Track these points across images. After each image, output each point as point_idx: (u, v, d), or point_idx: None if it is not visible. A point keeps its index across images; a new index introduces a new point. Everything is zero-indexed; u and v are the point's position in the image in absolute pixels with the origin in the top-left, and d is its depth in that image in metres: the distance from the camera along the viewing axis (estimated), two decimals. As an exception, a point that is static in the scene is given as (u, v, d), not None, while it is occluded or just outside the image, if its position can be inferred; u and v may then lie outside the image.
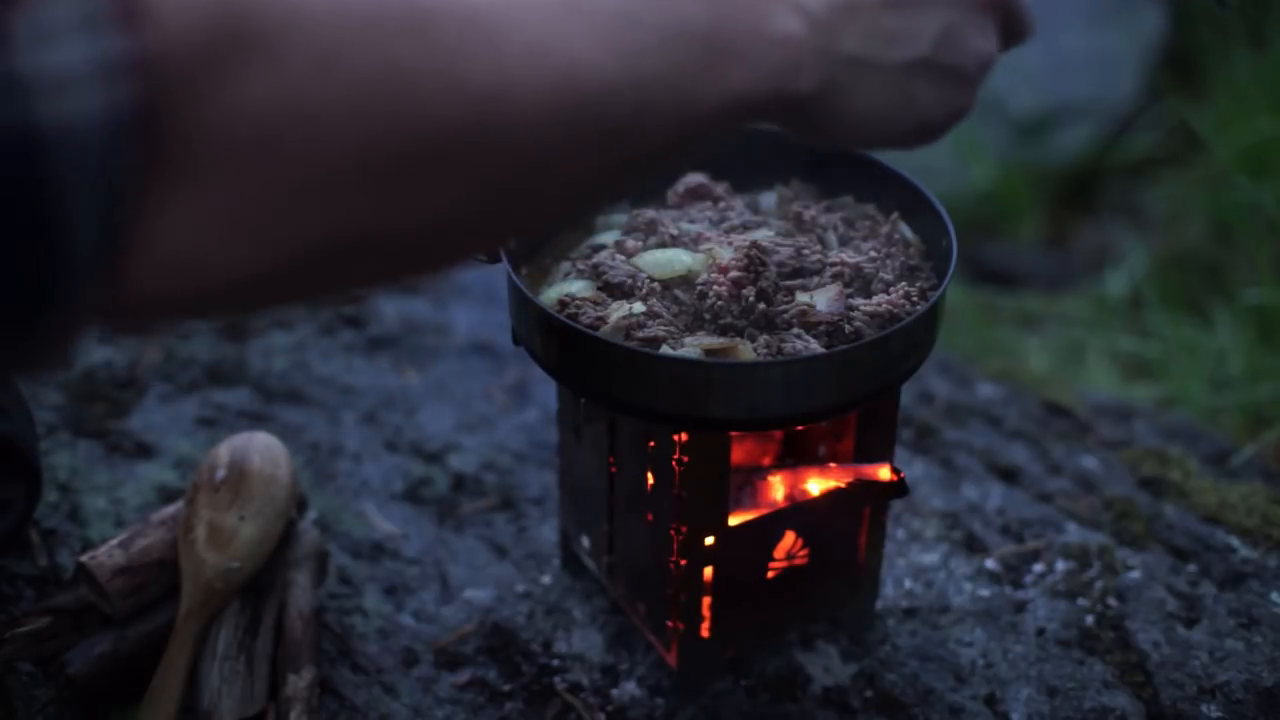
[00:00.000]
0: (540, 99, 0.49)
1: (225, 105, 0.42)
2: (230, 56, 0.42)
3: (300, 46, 0.43)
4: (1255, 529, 1.18)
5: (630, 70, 0.52)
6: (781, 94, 0.58)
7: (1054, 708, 1.00)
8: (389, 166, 0.46)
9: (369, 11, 0.46)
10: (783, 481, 0.96)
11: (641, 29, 0.53)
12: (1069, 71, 2.78)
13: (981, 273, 2.40)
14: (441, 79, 0.47)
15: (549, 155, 0.51)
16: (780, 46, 0.58)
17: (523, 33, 0.49)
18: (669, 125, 0.55)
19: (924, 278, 0.91)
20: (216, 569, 0.96)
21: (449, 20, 0.48)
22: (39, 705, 0.95)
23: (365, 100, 0.45)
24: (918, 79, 0.64)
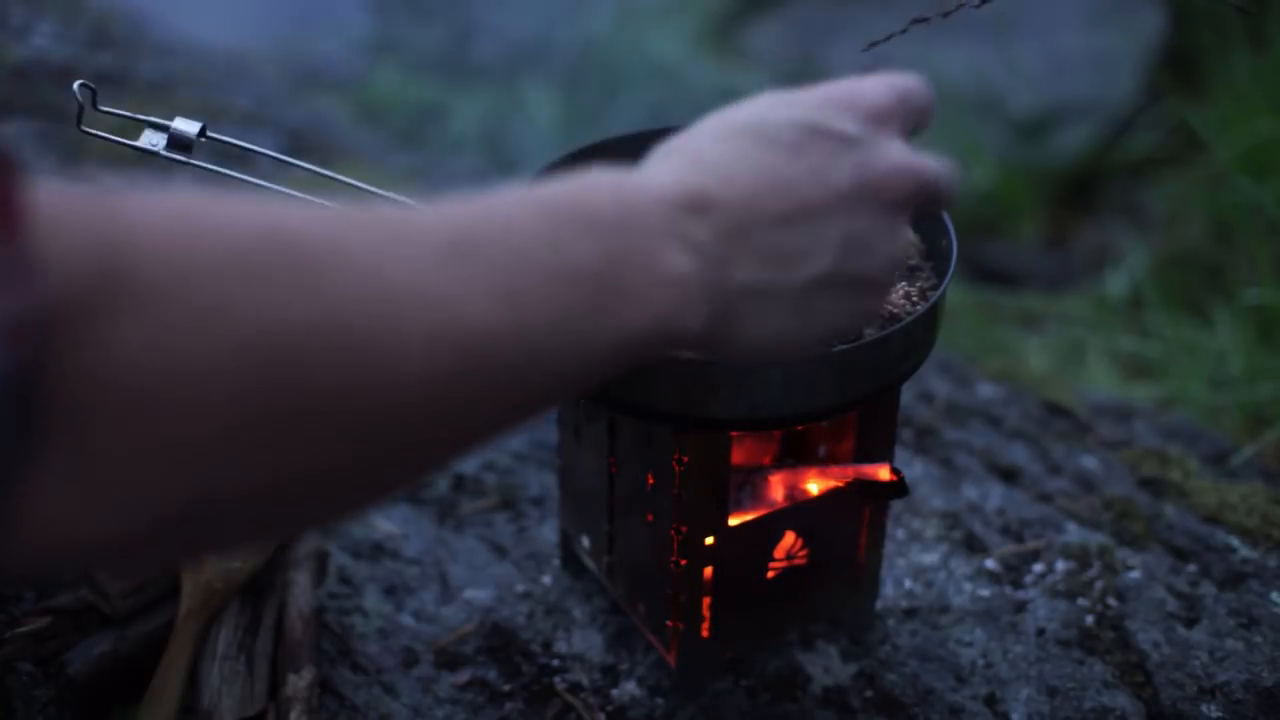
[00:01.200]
0: (426, 353, 0.46)
1: (99, 364, 0.39)
2: (107, 312, 0.39)
3: (176, 300, 0.41)
4: (1255, 529, 1.18)
5: (513, 317, 0.49)
6: (671, 334, 0.55)
7: (1054, 708, 1.00)
8: (266, 426, 0.43)
9: (253, 261, 0.43)
10: (783, 481, 0.96)
11: (530, 274, 0.50)
12: (1069, 71, 2.78)
13: (981, 273, 2.40)
14: (326, 334, 0.44)
15: (433, 410, 0.48)
16: (670, 285, 0.54)
17: (408, 281, 0.46)
18: (557, 371, 0.52)
19: (924, 278, 0.91)
20: (216, 569, 0.96)
21: (335, 271, 0.45)
22: (39, 705, 0.95)
23: (246, 357, 0.42)
24: (820, 295, 0.60)
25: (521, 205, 0.52)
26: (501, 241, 0.50)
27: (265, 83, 2.58)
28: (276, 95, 2.50)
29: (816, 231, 0.59)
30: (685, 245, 0.55)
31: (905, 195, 0.61)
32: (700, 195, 0.56)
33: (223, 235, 0.43)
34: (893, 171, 0.61)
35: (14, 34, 2.31)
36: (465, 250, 0.48)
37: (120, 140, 0.81)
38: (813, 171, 0.59)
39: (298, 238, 0.45)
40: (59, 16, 2.46)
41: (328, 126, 2.36)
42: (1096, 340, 1.96)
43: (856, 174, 0.60)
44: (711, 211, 0.56)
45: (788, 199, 0.58)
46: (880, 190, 0.60)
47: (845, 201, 0.59)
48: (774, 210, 0.57)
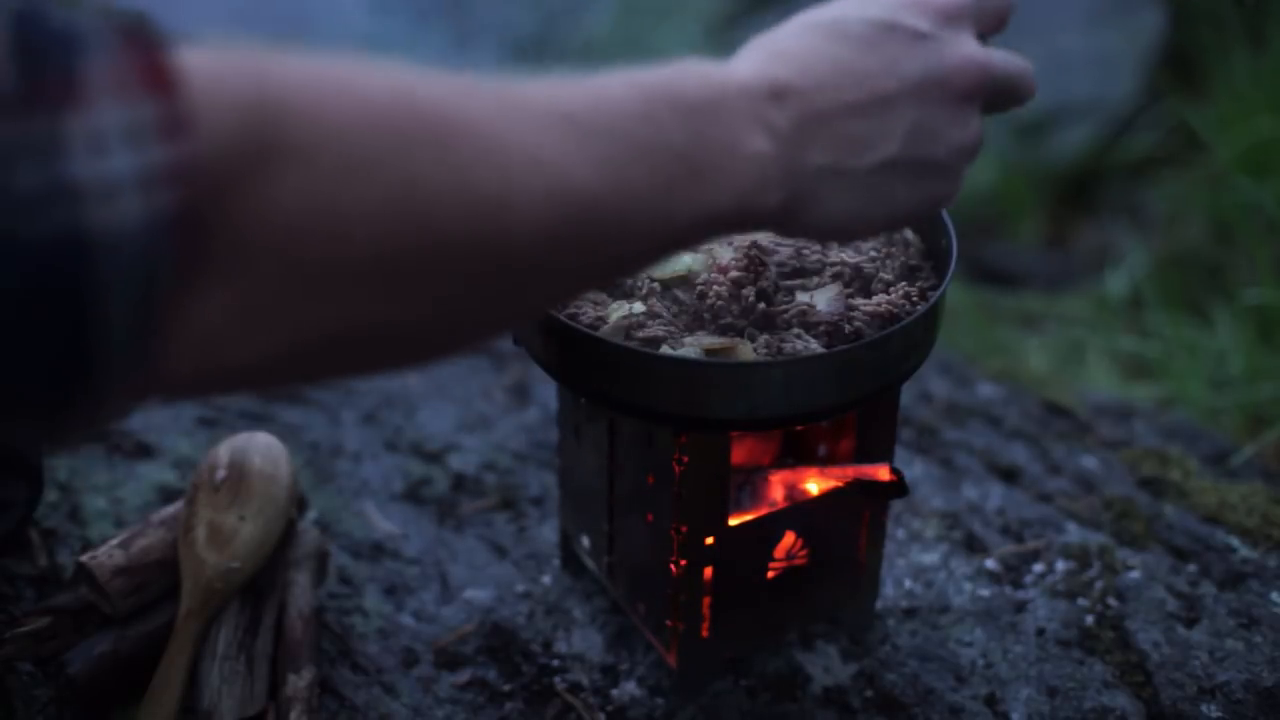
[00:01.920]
0: (535, 209, 0.52)
1: (256, 209, 0.45)
2: (262, 164, 0.44)
3: (326, 155, 0.46)
4: (1255, 529, 1.18)
5: (615, 185, 0.55)
6: (751, 210, 0.60)
7: (1054, 708, 1.00)
8: (401, 268, 0.49)
9: (390, 123, 0.49)
10: (783, 481, 0.96)
11: (626, 145, 0.55)
12: (1069, 71, 2.78)
13: (981, 273, 2.40)
14: (452, 189, 0.50)
15: (538, 260, 0.54)
16: (750, 164, 0.59)
17: (522, 146, 0.52)
18: (644, 237, 0.58)
19: (924, 278, 0.91)
20: (216, 569, 0.96)
21: (460, 133, 0.51)
22: (39, 705, 0.95)
23: (384, 206, 0.48)
24: (889, 177, 0.65)
25: (622, 86, 0.57)
26: (604, 116, 0.55)
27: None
28: (276, 95, 2.49)
29: (886, 119, 0.64)
30: (765, 129, 0.60)
31: (973, 87, 0.66)
32: (780, 84, 0.61)
33: (364, 98, 0.48)
34: (962, 64, 0.65)
35: (14, 34, 2.31)
36: (572, 122, 0.54)
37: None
38: (885, 64, 0.64)
39: (429, 103, 0.51)
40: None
41: (328, 126, 2.36)
42: (1096, 340, 1.96)
43: (926, 66, 0.65)
44: (789, 99, 0.61)
45: (860, 89, 0.63)
46: (948, 82, 0.65)
47: (914, 92, 0.64)
48: (847, 99, 0.63)
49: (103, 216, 0.40)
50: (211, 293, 0.45)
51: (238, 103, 0.44)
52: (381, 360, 0.56)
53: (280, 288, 0.46)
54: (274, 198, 0.45)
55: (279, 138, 0.45)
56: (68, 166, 0.39)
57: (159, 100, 0.41)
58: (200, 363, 0.46)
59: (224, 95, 0.44)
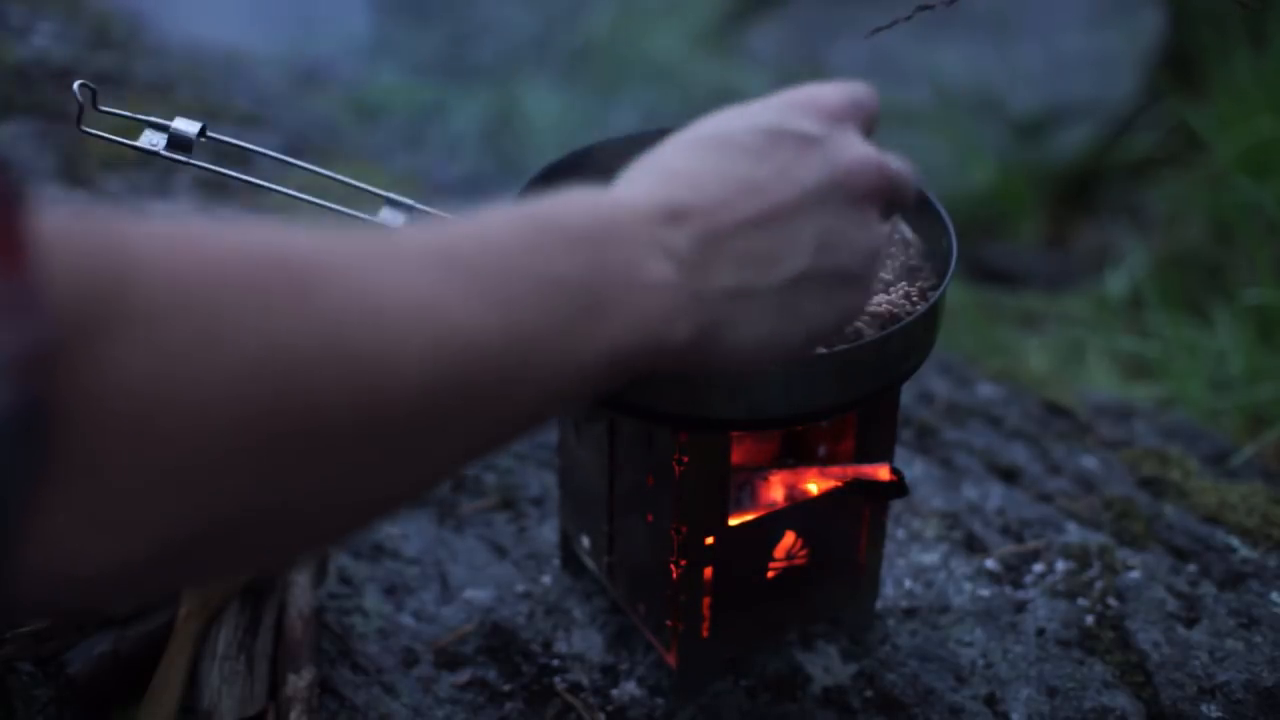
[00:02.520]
0: (420, 363, 0.47)
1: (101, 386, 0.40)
2: (105, 335, 0.40)
3: (175, 320, 0.41)
4: (1255, 529, 1.18)
5: (508, 327, 0.49)
6: (659, 345, 0.55)
7: (1054, 708, 1.00)
8: (270, 444, 0.44)
9: (246, 280, 0.44)
10: (783, 481, 0.96)
11: (515, 282, 0.50)
12: (1069, 71, 2.78)
13: (981, 273, 2.40)
14: (322, 347, 0.44)
15: (428, 422, 0.48)
16: (652, 293, 0.54)
17: (400, 293, 0.47)
18: (543, 386, 0.52)
19: (924, 278, 0.91)
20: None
21: (332, 287, 0.45)
22: (39, 705, 0.95)
23: (246, 376, 0.42)
24: (800, 294, 0.60)
25: (503, 221, 0.52)
26: (487, 253, 0.50)
27: (265, 83, 2.58)
28: (276, 95, 2.50)
29: (790, 230, 0.59)
30: (664, 254, 0.55)
31: (871, 187, 0.62)
32: (674, 205, 0.57)
33: (219, 258, 0.44)
34: (857, 164, 0.62)
35: (14, 34, 2.31)
36: (453, 262, 0.49)
37: (120, 140, 0.81)
38: (780, 172, 0.60)
39: (291, 257, 0.46)
40: (59, 16, 2.46)
41: (328, 126, 2.36)
42: (1096, 340, 1.96)
43: (822, 170, 0.61)
44: (687, 220, 0.57)
45: (759, 201, 0.59)
46: (847, 184, 0.61)
47: (815, 198, 0.60)
48: (747, 213, 0.58)
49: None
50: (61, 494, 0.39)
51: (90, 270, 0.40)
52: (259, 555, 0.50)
53: (133, 482, 0.41)
54: (119, 373, 0.40)
55: (126, 306, 0.40)
56: None
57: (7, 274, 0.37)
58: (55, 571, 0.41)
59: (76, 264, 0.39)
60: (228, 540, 0.45)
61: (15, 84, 2.10)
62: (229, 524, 0.44)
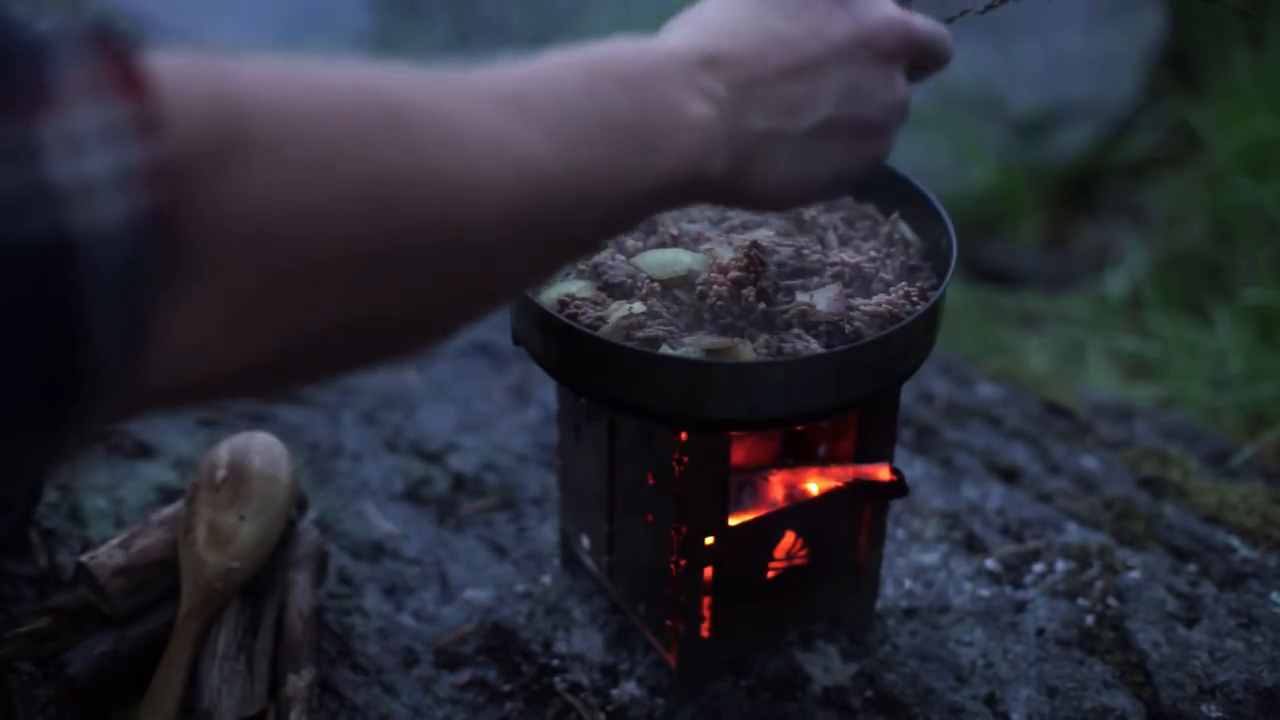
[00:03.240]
0: (502, 191, 0.53)
1: (227, 206, 0.44)
2: (228, 161, 0.44)
3: (291, 149, 0.46)
4: (1255, 529, 1.18)
5: (571, 159, 0.56)
6: (700, 176, 0.61)
7: (1054, 708, 1.00)
8: (374, 259, 0.49)
9: (352, 114, 0.49)
10: (783, 481, 0.96)
11: (576, 119, 0.56)
12: (1069, 71, 2.78)
13: (981, 273, 2.40)
14: (417, 176, 0.50)
15: (506, 243, 0.54)
16: (695, 129, 0.61)
17: (481, 130, 0.53)
18: (603, 210, 0.58)
19: (924, 278, 0.91)
20: (216, 569, 0.96)
21: (422, 121, 0.51)
22: (39, 705, 0.95)
23: (352, 197, 0.48)
24: (826, 139, 0.67)
25: (564, 64, 0.58)
26: (550, 94, 0.56)
27: (265, 83, 2.58)
28: (276, 95, 2.49)
29: (817, 82, 0.66)
30: (704, 96, 0.62)
31: (897, 46, 0.69)
32: (711, 53, 0.63)
33: (325, 93, 0.49)
34: (884, 24, 0.68)
35: (14, 34, 2.31)
36: (522, 102, 0.55)
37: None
38: (811, 28, 0.66)
39: (389, 94, 0.51)
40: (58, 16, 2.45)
41: (328, 126, 2.36)
42: (1096, 340, 1.96)
43: (850, 28, 0.67)
44: (723, 67, 0.63)
45: (789, 54, 0.65)
46: (872, 42, 0.68)
47: (841, 54, 0.67)
48: (778, 64, 0.65)
49: (83, 217, 0.39)
50: (191, 296, 0.44)
51: (203, 102, 0.44)
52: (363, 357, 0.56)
53: (258, 286, 0.46)
54: (242, 193, 0.45)
55: (243, 135, 0.45)
56: (45, 169, 0.39)
57: (131, 101, 0.41)
58: (185, 371, 0.46)
59: (190, 96, 0.44)
60: (336, 344, 0.51)
61: (15, 84, 2.10)
62: (339, 327, 0.50)
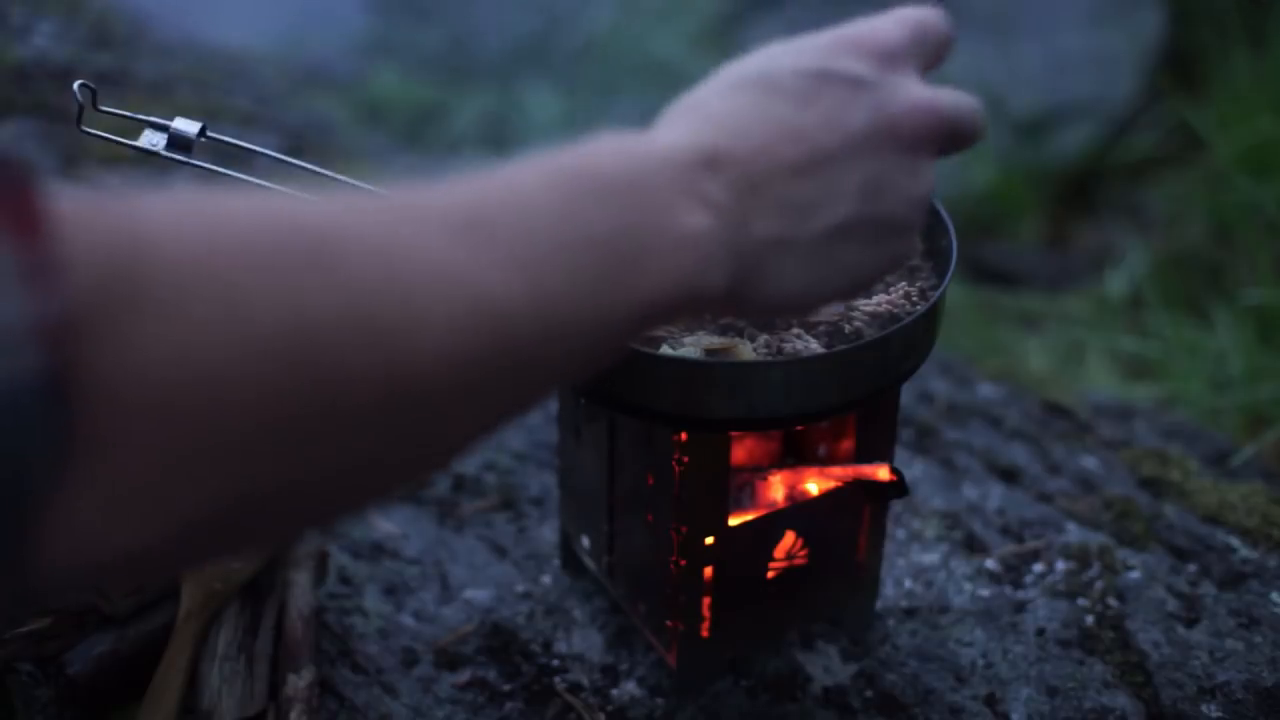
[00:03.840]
0: (447, 332, 0.45)
1: (126, 365, 0.39)
2: (128, 313, 0.39)
3: (197, 298, 0.40)
4: (1255, 529, 1.18)
5: (538, 291, 0.48)
6: (696, 295, 0.54)
7: (1054, 708, 1.00)
8: (296, 420, 0.42)
9: (269, 253, 0.42)
10: (783, 481, 0.96)
11: (545, 245, 0.49)
12: (1069, 71, 2.78)
13: (981, 273, 2.40)
14: (347, 318, 0.43)
15: (459, 391, 0.47)
16: (688, 244, 0.53)
17: (424, 261, 0.45)
18: (578, 346, 0.51)
19: (924, 278, 0.91)
20: (216, 569, 0.96)
21: (351, 255, 0.44)
22: (39, 705, 0.95)
23: (270, 350, 0.41)
24: (844, 242, 0.59)
25: (529, 177, 0.51)
26: (513, 214, 0.49)
27: (265, 83, 2.58)
28: (276, 95, 2.50)
29: (833, 178, 0.58)
30: (701, 203, 0.54)
31: (924, 133, 0.60)
32: (712, 151, 0.55)
33: (237, 229, 0.42)
34: (910, 110, 0.60)
35: (14, 34, 2.31)
36: (477, 225, 0.47)
37: (120, 140, 0.81)
38: (825, 118, 0.58)
39: (310, 226, 0.44)
40: (59, 16, 2.46)
41: (328, 126, 2.36)
42: (1096, 340, 1.96)
43: (871, 116, 0.59)
44: (725, 167, 0.55)
45: (801, 148, 0.57)
46: (898, 130, 0.59)
47: (861, 145, 0.58)
48: (788, 160, 0.57)
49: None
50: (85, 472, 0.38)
51: (102, 247, 0.39)
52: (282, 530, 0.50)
53: (162, 458, 0.40)
54: (144, 350, 0.39)
55: (147, 281, 0.39)
56: None
57: (24, 245, 0.36)
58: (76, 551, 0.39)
59: (90, 239, 0.38)
60: (251, 518, 0.44)
61: (15, 84, 2.10)
62: (252, 502, 0.43)
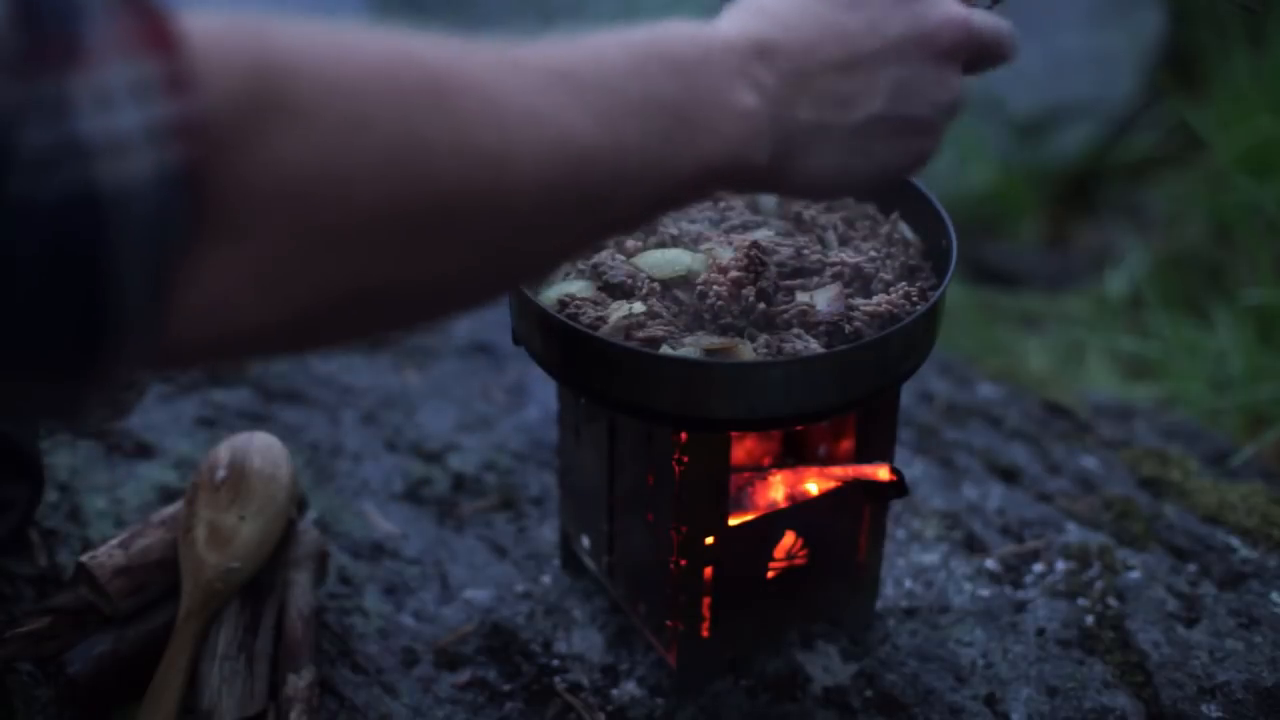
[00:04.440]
0: (537, 164, 0.52)
1: (261, 165, 0.45)
2: (266, 120, 0.45)
3: (330, 111, 0.46)
4: (1255, 529, 1.18)
5: (612, 138, 0.55)
6: (742, 165, 0.61)
7: (1054, 708, 1.00)
8: (406, 224, 0.49)
9: (391, 79, 0.49)
10: (783, 481, 0.96)
11: (621, 99, 0.56)
12: (1069, 71, 2.78)
13: (981, 273, 2.40)
14: (454, 144, 0.50)
15: (539, 216, 0.54)
16: (740, 119, 0.61)
17: (520, 101, 0.53)
18: (643, 192, 0.58)
19: (924, 278, 0.91)
20: (216, 569, 0.96)
21: (460, 88, 0.51)
22: (39, 705, 0.95)
23: (387, 162, 0.48)
24: (874, 134, 0.66)
25: (612, 46, 0.58)
26: (597, 73, 0.56)
27: (265, 83, 2.58)
28: (276, 95, 2.49)
29: (870, 77, 0.65)
30: (753, 85, 0.61)
31: (955, 45, 0.68)
32: (765, 42, 0.62)
33: (365, 58, 0.49)
34: (943, 23, 0.67)
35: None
36: (567, 78, 0.55)
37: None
38: (867, 23, 0.65)
39: (427, 62, 0.51)
40: None
41: (328, 126, 2.36)
42: (1096, 340, 1.96)
43: (908, 25, 0.66)
44: (775, 57, 0.63)
45: (844, 47, 0.64)
46: (930, 40, 0.67)
47: (897, 50, 0.66)
48: (831, 57, 0.64)
49: (113, 172, 0.40)
50: (221, 254, 0.45)
51: (239, 61, 0.44)
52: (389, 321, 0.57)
53: (288, 247, 0.46)
54: (277, 154, 0.45)
55: (281, 95, 0.45)
56: (76, 124, 0.39)
57: (161, 58, 0.41)
58: (211, 327, 0.46)
59: (225, 55, 0.44)
60: (365, 308, 0.51)
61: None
62: (368, 294, 0.50)
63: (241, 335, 0.48)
